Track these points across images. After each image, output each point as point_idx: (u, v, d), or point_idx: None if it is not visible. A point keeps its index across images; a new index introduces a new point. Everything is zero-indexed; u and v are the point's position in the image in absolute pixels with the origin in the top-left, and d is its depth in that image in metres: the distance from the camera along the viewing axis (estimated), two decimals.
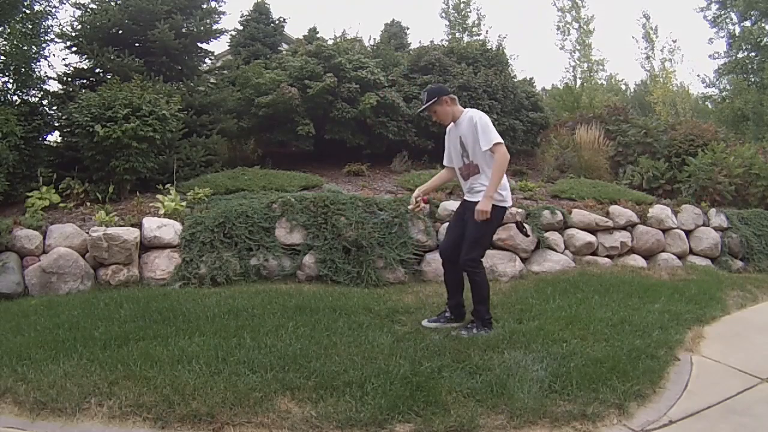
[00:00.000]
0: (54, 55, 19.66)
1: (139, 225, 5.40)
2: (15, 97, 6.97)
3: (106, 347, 3.38)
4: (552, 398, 2.86)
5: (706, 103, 20.77)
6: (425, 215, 5.85)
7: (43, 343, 3.43)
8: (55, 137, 7.68)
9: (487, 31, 24.97)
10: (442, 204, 6.03)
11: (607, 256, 6.32)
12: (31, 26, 6.83)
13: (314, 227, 5.57)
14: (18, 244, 5.09)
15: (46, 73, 8.64)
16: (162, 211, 5.68)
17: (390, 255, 5.45)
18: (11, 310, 4.35)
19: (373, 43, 12.69)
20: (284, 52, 10.93)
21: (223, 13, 9.00)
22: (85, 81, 7.97)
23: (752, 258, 7.01)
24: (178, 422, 2.61)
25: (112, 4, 7.87)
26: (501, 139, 3.72)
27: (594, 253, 6.32)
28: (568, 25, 22.30)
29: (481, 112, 3.91)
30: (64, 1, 7.51)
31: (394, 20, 15.39)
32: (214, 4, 8.70)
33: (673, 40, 32.52)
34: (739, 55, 19.23)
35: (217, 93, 8.43)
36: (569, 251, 6.23)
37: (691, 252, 6.85)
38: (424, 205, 4.11)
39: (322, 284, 5.26)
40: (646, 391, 3.04)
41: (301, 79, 8.36)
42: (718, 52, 20.25)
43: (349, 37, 12.22)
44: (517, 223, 4.78)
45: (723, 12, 19.93)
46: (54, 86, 8.25)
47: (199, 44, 8.59)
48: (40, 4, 7.06)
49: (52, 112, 7.28)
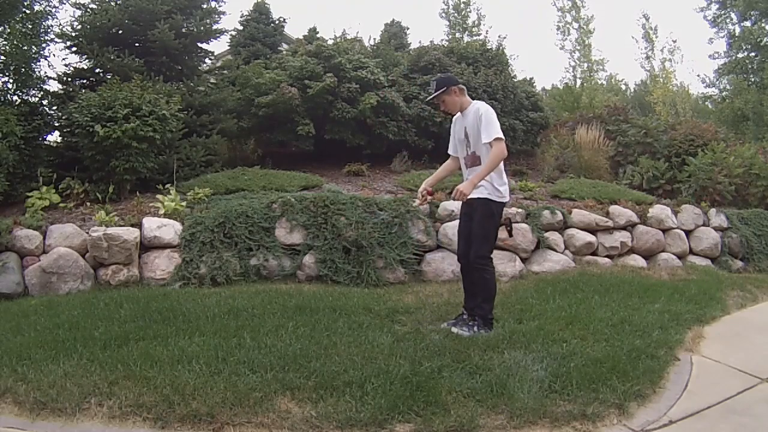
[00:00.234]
0: (54, 55, 19.67)
1: (139, 225, 5.40)
2: (15, 97, 6.98)
3: (106, 347, 3.38)
4: (552, 398, 2.86)
5: (706, 103, 20.77)
6: (425, 215, 5.85)
7: (43, 343, 3.43)
8: (55, 137, 7.71)
9: (487, 31, 25.00)
10: (442, 204, 6.03)
11: (607, 256, 6.33)
12: (31, 26, 6.84)
13: (314, 227, 5.57)
14: (18, 244, 5.10)
15: (46, 73, 8.68)
16: (162, 211, 5.68)
17: (390, 255, 5.45)
18: (11, 310, 4.36)
19: (373, 43, 12.69)
20: (284, 52, 10.94)
21: (223, 13, 9.03)
22: (85, 81, 7.97)
23: (752, 258, 7.01)
24: (178, 422, 2.61)
25: (112, 4, 7.88)
26: (502, 135, 3.77)
27: (594, 253, 6.33)
28: (568, 25, 22.35)
29: (488, 106, 3.94)
30: (64, 1, 7.54)
31: (394, 20, 15.43)
32: (214, 4, 8.73)
33: (673, 40, 32.57)
34: (739, 55, 19.24)
35: (217, 93, 8.43)
36: (569, 251, 6.23)
37: (691, 252, 6.85)
38: (430, 198, 4.14)
39: (322, 284, 5.26)
40: (646, 391, 3.03)
41: (301, 79, 8.37)
42: (718, 52, 20.30)
43: (349, 37, 12.24)
44: (507, 220, 4.77)
45: (723, 12, 19.94)
46: (54, 86, 8.27)
47: (199, 44, 8.60)
48: (40, 4, 7.08)
49: (52, 112, 7.29)
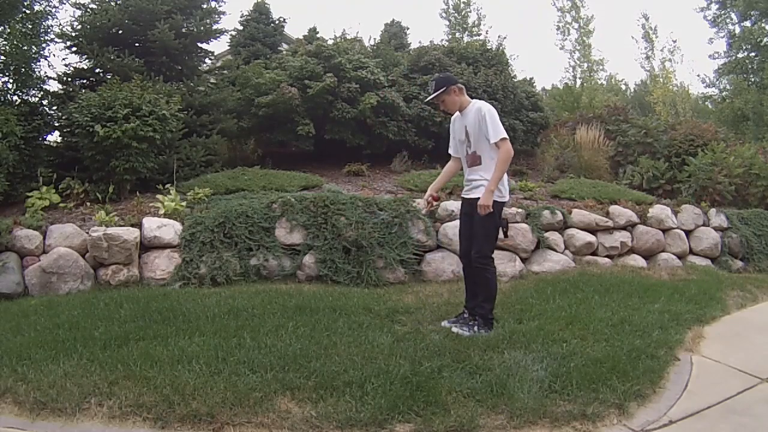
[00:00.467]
0: (54, 55, 19.73)
1: (139, 225, 5.40)
2: (15, 97, 6.98)
3: (106, 347, 3.39)
4: (552, 398, 2.86)
5: (706, 103, 20.78)
6: (425, 215, 5.85)
7: (43, 343, 3.43)
8: (55, 137, 7.70)
9: (487, 31, 24.97)
10: (442, 204, 6.02)
11: (607, 256, 6.33)
12: (31, 26, 6.83)
13: (314, 227, 5.57)
14: (18, 244, 5.09)
15: (46, 73, 8.67)
16: (162, 211, 5.68)
17: (390, 255, 5.45)
18: (11, 310, 4.35)
19: (373, 43, 12.67)
20: (284, 52, 10.93)
21: (223, 13, 9.03)
22: (85, 81, 7.97)
23: (752, 258, 7.01)
24: (178, 422, 2.61)
25: (112, 4, 7.88)
26: (506, 134, 3.78)
27: (594, 253, 6.32)
28: (567, 25, 22.38)
29: (489, 104, 3.94)
30: (64, 1, 7.53)
31: (394, 20, 15.43)
32: (214, 4, 8.72)
33: (673, 40, 32.68)
34: (739, 55, 19.24)
35: (217, 93, 8.43)
36: (569, 251, 6.23)
37: (691, 252, 6.85)
38: (435, 203, 4.13)
39: (322, 284, 5.26)
40: (646, 391, 3.04)
41: (301, 79, 8.37)
42: (718, 52, 20.32)
43: (349, 37, 12.21)
44: (503, 221, 4.78)
45: (723, 12, 19.95)
46: (54, 86, 8.27)
47: (199, 44, 8.59)
48: (40, 4, 7.07)
49: (52, 112, 7.28)
